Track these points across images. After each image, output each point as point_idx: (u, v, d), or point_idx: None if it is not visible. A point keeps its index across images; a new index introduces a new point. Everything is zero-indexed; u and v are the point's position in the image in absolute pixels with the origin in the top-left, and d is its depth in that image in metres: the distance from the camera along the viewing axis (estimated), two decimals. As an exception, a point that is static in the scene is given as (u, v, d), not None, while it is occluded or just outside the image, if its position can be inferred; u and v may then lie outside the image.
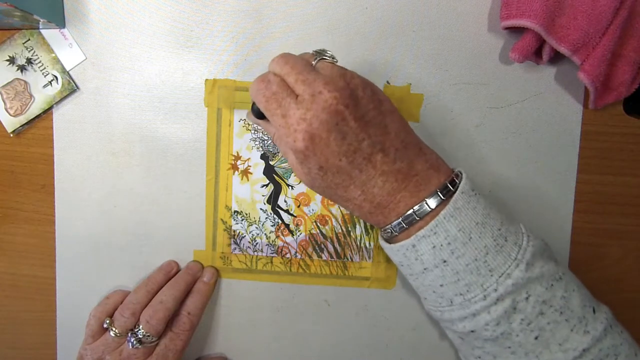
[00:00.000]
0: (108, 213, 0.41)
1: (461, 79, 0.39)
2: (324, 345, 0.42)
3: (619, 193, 0.40)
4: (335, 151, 0.30)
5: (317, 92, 0.29)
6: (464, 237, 0.30)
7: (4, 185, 0.42)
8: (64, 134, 0.41)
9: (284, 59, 0.31)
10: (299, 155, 0.30)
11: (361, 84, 0.31)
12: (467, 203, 0.31)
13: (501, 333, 0.30)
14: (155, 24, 0.39)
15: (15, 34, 0.39)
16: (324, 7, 0.39)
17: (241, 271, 0.42)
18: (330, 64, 0.31)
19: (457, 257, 0.30)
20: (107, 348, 0.36)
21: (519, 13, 0.35)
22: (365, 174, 0.30)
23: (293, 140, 0.30)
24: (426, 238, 0.30)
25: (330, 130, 0.29)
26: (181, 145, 0.41)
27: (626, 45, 0.35)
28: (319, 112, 0.29)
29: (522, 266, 0.30)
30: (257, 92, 0.31)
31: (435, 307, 0.33)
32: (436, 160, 0.33)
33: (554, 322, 0.30)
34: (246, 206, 0.41)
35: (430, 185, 0.31)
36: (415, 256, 0.31)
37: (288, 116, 0.30)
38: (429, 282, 0.32)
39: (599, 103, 0.37)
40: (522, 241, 0.31)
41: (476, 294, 0.30)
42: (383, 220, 0.32)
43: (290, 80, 0.30)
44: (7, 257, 0.42)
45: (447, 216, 0.30)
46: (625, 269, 0.41)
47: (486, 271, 0.30)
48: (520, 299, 0.30)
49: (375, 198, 0.31)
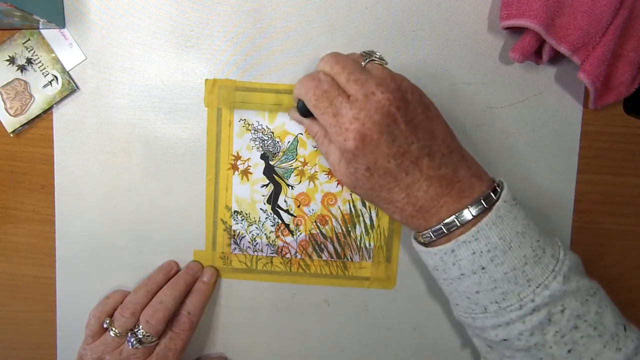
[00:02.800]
0: (108, 213, 0.41)
1: (461, 79, 0.39)
2: (324, 345, 0.42)
3: (619, 193, 0.40)
4: (384, 153, 0.30)
5: (370, 92, 0.29)
6: (504, 245, 0.30)
7: (4, 185, 0.42)
8: (64, 134, 0.41)
9: (335, 58, 0.31)
10: (348, 155, 0.30)
11: (410, 87, 0.31)
12: (509, 212, 0.31)
13: (534, 344, 0.30)
14: (155, 24, 0.39)
15: (15, 34, 0.39)
16: (324, 7, 0.39)
17: (241, 271, 0.42)
18: (381, 66, 0.32)
19: (496, 265, 0.30)
20: (107, 348, 0.36)
21: (519, 13, 0.35)
22: (411, 177, 0.31)
23: (344, 139, 0.30)
24: (467, 244, 0.30)
25: (382, 131, 0.29)
26: (181, 145, 0.41)
27: (626, 45, 0.35)
28: (372, 113, 0.29)
29: (559, 278, 0.30)
30: (307, 90, 0.31)
31: (467, 314, 0.33)
32: (478, 168, 0.33)
33: (588, 337, 0.30)
34: (246, 206, 0.41)
35: (473, 193, 0.31)
36: (453, 261, 0.31)
37: (340, 115, 0.30)
38: (464, 288, 0.32)
39: (599, 103, 0.37)
40: (560, 254, 0.31)
41: (512, 302, 0.30)
42: (424, 225, 0.32)
43: (341, 80, 0.30)
44: (7, 257, 0.42)
45: (490, 223, 0.30)
46: (625, 269, 0.41)
47: (524, 281, 0.30)
48: (555, 311, 0.30)
49: (418, 202, 0.31)
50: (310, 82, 0.31)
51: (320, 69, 0.32)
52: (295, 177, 0.41)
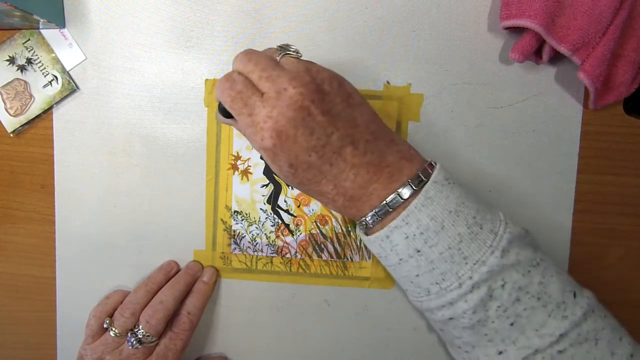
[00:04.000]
0: (108, 213, 0.41)
1: (461, 79, 0.39)
2: (324, 345, 0.42)
3: (619, 193, 0.40)
4: (304, 147, 0.29)
5: (282, 88, 0.29)
6: (436, 225, 0.30)
7: (4, 185, 0.42)
8: (64, 134, 0.41)
9: (247, 56, 0.31)
10: (268, 154, 0.30)
11: (328, 77, 0.30)
12: (440, 192, 0.30)
13: (478, 320, 0.30)
14: (155, 24, 0.39)
15: (15, 34, 0.39)
16: (324, 7, 0.39)
17: (241, 271, 0.42)
18: (295, 59, 0.31)
19: (430, 247, 0.30)
20: (107, 348, 0.36)
21: (519, 13, 0.35)
22: (336, 168, 0.30)
23: (260, 138, 0.29)
24: (398, 228, 0.30)
25: (297, 126, 0.29)
26: (181, 145, 0.41)
27: (626, 45, 0.35)
28: (284, 109, 0.29)
29: (497, 253, 0.30)
30: (222, 92, 0.31)
31: (415, 298, 0.33)
32: (408, 150, 0.32)
33: (531, 308, 0.30)
34: (246, 206, 0.41)
35: (403, 176, 0.31)
36: (390, 247, 0.31)
37: (254, 115, 0.29)
38: (405, 272, 0.32)
39: (599, 103, 0.37)
40: (499, 229, 0.31)
41: (451, 282, 0.30)
42: (357, 213, 0.32)
43: (254, 78, 0.30)
44: (7, 257, 0.42)
45: (419, 205, 0.30)
46: (625, 269, 0.41)
47: (460, 259, 0.30)
48: (496, 286, 0.30)
49: (347, 191, 0.31)
50: (225, 83, 0.30)
51: (234, 68, 0.31)
52: (295, 177, 0.41)
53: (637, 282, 0.41)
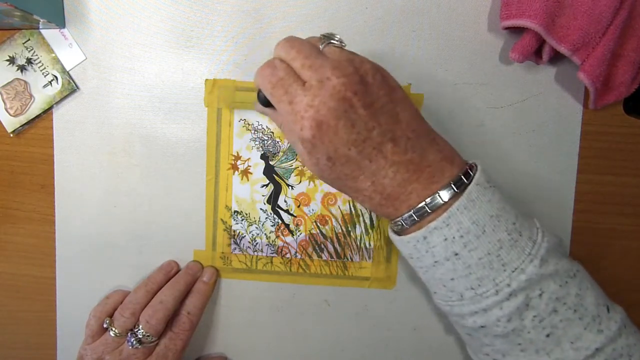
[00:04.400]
0: (108, 213, 0.41)
1: (461, 79, 0.39)
2: (324, 345, 0.42)
3: (619, 193, 0.40)
4: (344, 140, 0.29)
5: (325, 77, 0.28)
6: (477, 230, 0.29)
7: (4, 185, 0.42)
8: (64, 134, 0.41)
9: (290, 42, 0.30)
10: (307, 145, 0.29)
11: (371, 69, 0.30)
12: (482, 195, 0.30)
13: (512, 329, 0.30)
14: (155, 24, 0.39)
15: (15, 34, 0.39)
16: (324, 7, 0.39)
17: (241, 271, 0.42)
18: (339, 49, 0.30)
19: (469, 251, 0.29)
20: (107, 348, 0.36)
21: (519, 13, 0.35)
22: (375, 164, 0.29)
23: (300, 128, 0.29)
24: (438, 230, 0.29)
25: (338, 117, 0.28)
26: (181, 145, 0.41)
27: (626, 45, 0.35)
28: (326, 99, 0.28)
29: (536, 262, 0.29)
30: (263, 79, 0.30)
31: (444, 302, 0.32)
32: (450, 151, 0.31)
33: (567, 320, 0.29)
34: (246, 206, 0.41)
35: (444, 177, 0.30)
36: (426, 248, 0.30)
37: (295, 103, 0.29)
38: (439, 275, 0.31)
39: (599, 103, 0.37)
40: (537, 236, 0.30)
41: (488, 288, 0.29)
42: (393, 213, 0.31)
43: (296, 66, 0.29)
44: (7, 257, 0.42)
45: (461, 208, 0.29)
46: (625, 269, 0.41)
47: (499, 265, 0.29)
48: (533, 295, 0.29)
49: (385, 189, 0.30)
50: (266, 70, 0.30)
51: (275, 55, 0.31)
52: (295, 177, 0.41)
53: (636, 282, 0.41)
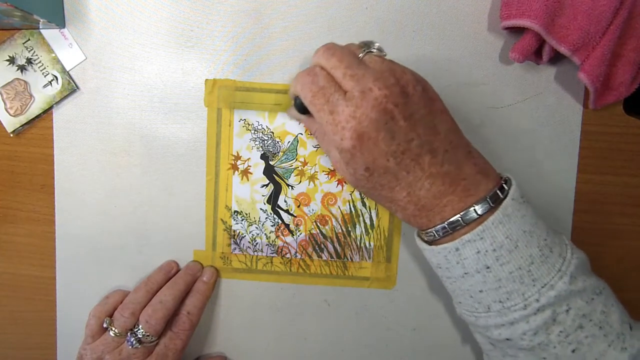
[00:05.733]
0: (108, 213, 0.41)
1: (461, 79, 0.39)
2: (324, 345, 0.42)
3: (619, 193, 0.40)
4: (383, 151, 0.29)
5: (367, 88, 0.28)
6: (510, 244, 0.29)
7: (4, 185, 0.42)
8: (64, 134, 0.41)
9: (330, 50, 0.30)
10: (346, 155, 0.29)
11: (412, 80, 0.30)
12: (517, 210, 0.30)
13: (538, 343, 0.30)
14: (155, 24, 0.39)
15: (15, 34, 0.39)
16: (324, 7, 0.39)
17: (241, 271, 0.42)
18: (380, 58, 0.30)
19: (501, 264, 0.29)
20: (107, 348, 0.36)
21: (519, 13, 0.35)
22: (412, 175, 0.30)
23: (340, 138, 0.29)
24: (471, 243, 0.30)
25: (379, 129, 0.28)
26: (181, 145, 0.41)
27: (626, 45, 0.35)
28: (368, 110, 0.28)
29: (565, 278, 0.29)
30: (303, 86, 0.30)
31: (470, 312, 0.33)
32: (485, 164, 0.32)
33: (592, 337, 0.30)
34: (246, 206, 0.41)
35: (479, 191, 0.30)
36: (457, 260, 0.30)
37: (336, 113, 0.29)
38: (467, 286, 0.31)
39: (599, 103, 0.37)
40: (567, 253, 0.31)
41: (516, 302, 0.30)
42: (426, 223, 0.31)
43: (337, 75, 0.29)
44: (7, 257, 0.42)
45: (496, 222, 0.29)
46: (625, 269, 0.41)
47: (529, 280, 0.29)
48: (560, 310, 0.29)
49: (420, 200, 0.30)
50: (306, 78, 0.30)
51: (315, 62, 0.31)
52: (295, 177, 0.41)
53: (636, 282, 0.41)
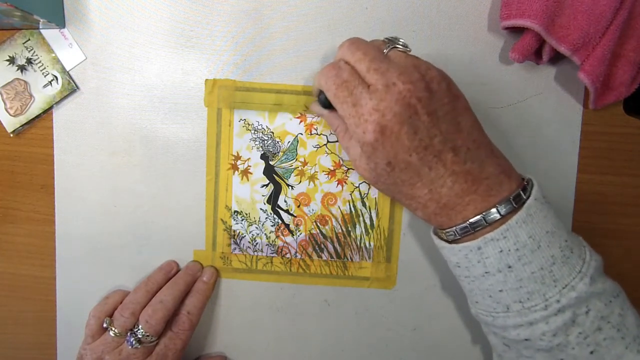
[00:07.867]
0: (108, 213, 0.41)
1: (461, 79, 0.39)
2: (324, 345, 0.42)
3: (619, 193, 0.40)
4: (406, 146, 0.29)
5: (391, 82, 0.28)
6: (533, 244, 0.29)
7: (4, 185, 0.42)
8: (64, 134, 0.41)
9: (355, 44, 0.30)
10: (367, 148, 0.29)
11: (437, 76, 0.30)
12: (540, 211, 0.30)
13: (557, 344, 0.30)
14: (155, 24, 0.39)
15: (15, 34, 0.39)
16: (324, 7, 0.39)
17: (241, 271, 0.42)
18: (404, 54, 0.30)
19: (523, 264, 0.29)
20: (107, 348, 0.36)
21: (519, 13, 0.35)
22: (434, 172, 0.29)
23: (363, 131, 0.29)
24: (494, 241, 0.29)
25: (402, 123, 0.28)
26: (181, 145, 0.41)
27: (626, 45, 0.35)
28: (392, 104, 0.28)
29: (586, 280, 0.29)
30: (327, 79, 0.30)
31: (487, 312, 0.32)
32: (507, 164, 0.32)
33: (610, 339, 0.30)
34: (246, 206, 0.41)
35: (502, 191, 0.30)
36: (479, 259, 0.30)
37: (359, 105, 0.29)
38: (487, 286, 0.31)
39: (599, 103, 0.37)
40: (586, 255, 0.31)
41: (537, 302, 0.29)
42: (446, 222, 0.31)
43: (361, 68, 0.29)
44: (7, 257, 0.42)
45: (520, 222, 0.29)
46: (625, 269, 0.41)
47: (550, 281, 0.29)
48: (580, 312, 0.29)
49: (442, 198, 0.30)
50: (331, 71, 0.30)
51: (340, 57, 0.31)
52: (295, 177, 0.41)
53: (637, 282, 0.41)
